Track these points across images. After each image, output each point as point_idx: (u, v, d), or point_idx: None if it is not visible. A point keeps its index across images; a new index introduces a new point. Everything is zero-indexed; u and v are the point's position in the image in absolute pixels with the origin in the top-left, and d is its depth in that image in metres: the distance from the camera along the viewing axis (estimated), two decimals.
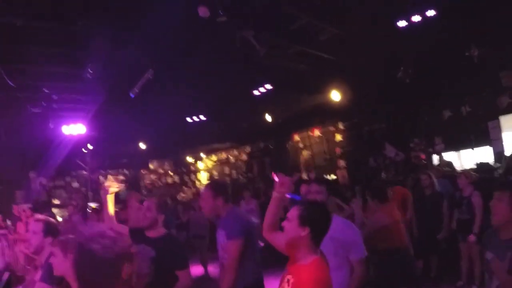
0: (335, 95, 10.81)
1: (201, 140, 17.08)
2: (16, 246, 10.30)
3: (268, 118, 13.49)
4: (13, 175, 15.08)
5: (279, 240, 2.91)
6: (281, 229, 2.77)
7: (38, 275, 3.95)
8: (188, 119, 13.93)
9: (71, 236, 3.22)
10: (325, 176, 12.33)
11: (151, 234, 3.84)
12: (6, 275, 6.65)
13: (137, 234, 3.67)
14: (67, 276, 3.02)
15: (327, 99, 11.02)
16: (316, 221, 2.66)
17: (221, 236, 3.91)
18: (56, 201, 15.34)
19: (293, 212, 2.69)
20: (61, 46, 7.60)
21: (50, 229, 3.76)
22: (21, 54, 7.64)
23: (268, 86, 10.65)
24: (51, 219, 3.99)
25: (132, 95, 9.10)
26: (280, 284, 2.66)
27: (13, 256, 10.32)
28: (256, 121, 14.06)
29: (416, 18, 7.22)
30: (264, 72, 9.80)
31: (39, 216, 4.22)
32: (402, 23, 7.37)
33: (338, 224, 3.38)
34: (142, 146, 17.23)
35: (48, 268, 3.31)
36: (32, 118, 10.47)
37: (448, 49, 8.48)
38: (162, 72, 8.50)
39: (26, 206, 11.56)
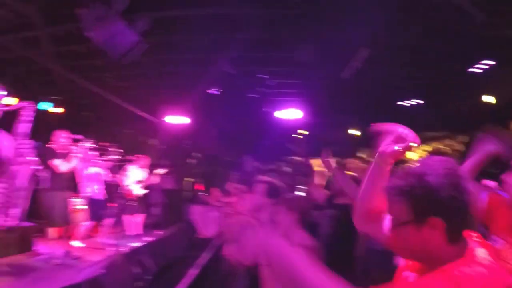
0: None
1: (412, 127, 15.97)
2: (228, 218, 11.21)
3: (489, 99, 11.84)
4: (231, 157, 16.51)
5: None
6: None
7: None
8: (400, 103, 13.23)
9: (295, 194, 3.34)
10: None
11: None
12: (218, 241, 7.29)
13: None
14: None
15: None
16: None
17: None
18: None
19: None
20: (275, 31, 7.80)
21: (272, 191, 3.91)
22: (242, 41, 8.05)
23: (489, 62, 9.33)
24: (275, 182, 4.20)
25: (344, 77, 8.93)
26: None
27: (225, 226, 11.24)
28: (474, 105, 12.52)
29: None
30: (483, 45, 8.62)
31: (264, 178, 4.51)
32: None
33: None
34: (354, 132, 16.89)
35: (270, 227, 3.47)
36: (249, 103, 11.02)
37: None
38: (373, 53, 8.17)
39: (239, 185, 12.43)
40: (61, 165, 7.64)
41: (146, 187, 10.73)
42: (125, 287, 3.97)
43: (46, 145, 7.76)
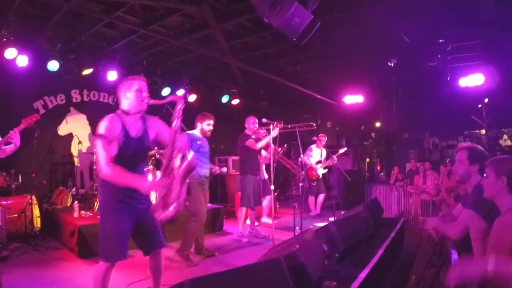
0: None
1: None
2: (410, 197, 10.88)
3: None
4: (408, 134, 15.79)
5: None
6: None
7: (457, 207, 4.03)
8: None
9: (505, 156, 3.08)
10: None
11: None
12: (401, 221, 7.08)
13: None
14: (496, 199, 2.87)
15: None
16: None
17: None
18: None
19: None
20: None
21: (475, 156, 3.67)
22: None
23: None
24: (477, 146, 3.85)
25: None
26: None
27: (406, 206, 10.92)
28: None
29: None
30: None
31: (464, 144, 4.21)
32: None
33: None
34: None
35: (478, 194, 3.25)
36: (428, 73, 10.29)
37: None
38: None
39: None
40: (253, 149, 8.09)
41: (326, 168, 11.06)
42: (317, 263, 4.04)
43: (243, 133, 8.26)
